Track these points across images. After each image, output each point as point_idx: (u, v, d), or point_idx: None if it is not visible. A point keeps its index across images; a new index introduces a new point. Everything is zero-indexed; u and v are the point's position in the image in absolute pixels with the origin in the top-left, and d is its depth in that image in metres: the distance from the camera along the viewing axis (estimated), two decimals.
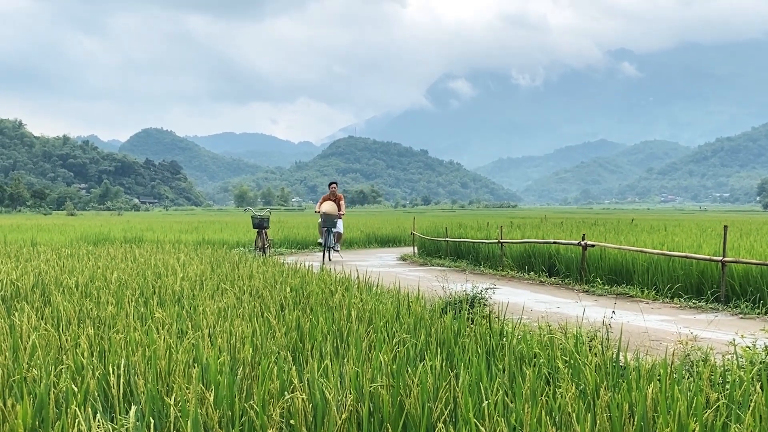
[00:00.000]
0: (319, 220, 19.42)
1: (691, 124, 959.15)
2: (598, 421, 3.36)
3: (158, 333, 5.22)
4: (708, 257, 11.01)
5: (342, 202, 19.82)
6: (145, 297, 7.58)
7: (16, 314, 6.15)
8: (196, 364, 4.24)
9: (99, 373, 4.10)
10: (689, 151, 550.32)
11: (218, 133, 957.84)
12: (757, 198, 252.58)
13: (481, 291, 8.68)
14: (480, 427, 3.24)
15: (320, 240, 19.61)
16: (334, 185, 20.23)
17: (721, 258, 10.64)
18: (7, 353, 4.56)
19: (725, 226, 11.09)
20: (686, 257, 11.38)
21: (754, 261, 10.30)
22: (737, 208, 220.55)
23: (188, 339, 5.01)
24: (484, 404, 3.62)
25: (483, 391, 3.85)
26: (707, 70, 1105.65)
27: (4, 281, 8.48)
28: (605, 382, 4.04)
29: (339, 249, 20.01)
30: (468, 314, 7.19)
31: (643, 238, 15.88)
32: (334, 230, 19.32)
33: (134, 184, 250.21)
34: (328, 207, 19.13)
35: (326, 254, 19.57)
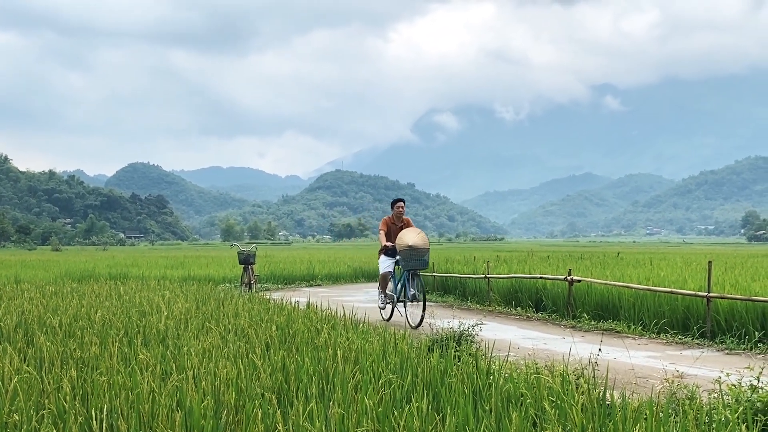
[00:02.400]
0: (386, 261, 12.76)
1: (675, 158, 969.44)
2: None
3: (142, 375, 5.16)
4: (693, 293, 11.06)
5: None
6: (130, 336, 7.51)
7: None
8: (179, 408, 4.19)
9: (81, 418, 4.05)
10: (673, 184, 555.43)
11: (205, 167, 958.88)
12: (742, 230, 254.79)
13: (468, 328, 8.66)
14: None
15: (388, 291, 12.91)
16: (402, 204, 13.32)
17: (706, 293, 10.70)
18: None
19: (710, 262, 11.17)
20: (671, 292, 11.43)
21: (738, 296, 10.36)
22: (722, 241, 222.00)
23: (172, 381, 4.96)
24: None
25: None
26: (690, 105, 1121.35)
27: None
28: (592, 423, 4.03)
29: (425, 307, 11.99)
30: (455, 352, 7.17)
31: (629, 272, 15.94)
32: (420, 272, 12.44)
33: (120, 219, 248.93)
34: (416, 237, 11.92)
35: (402, 312, 12.48)
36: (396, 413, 4.06)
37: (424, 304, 11.97)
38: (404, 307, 12.31)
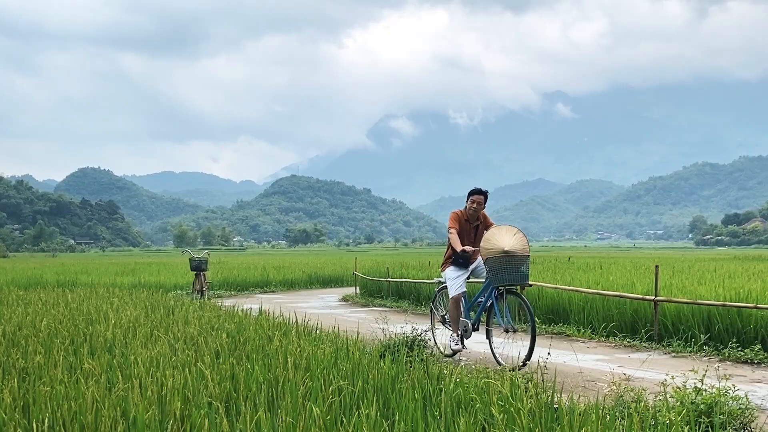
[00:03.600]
0: (458, 274, 9.21)
1: (624, 164, 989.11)
2: None
3: (86, 385, 5.04)
4: (641, 296, 11.28)
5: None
6: (75, 345, 7.35)
7: None
8: (124, 418, 4.10)
9: (21, 430, 3.93)
10: (623, 189, 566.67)
11: (157, 172, 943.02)
12: (689, 235, 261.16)
13: (421, 333, 8.68)
14: None
15: (466, 319, 9.39)
16: (481, 198, 9.45)
17: (653, 297, 10.91)
18: None
19: (657, 266, 11.40)
20: (620, 296, 11.63)
21: (684, 300, 10.59)
22: (671, 245, 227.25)
23: (117, 390, 4.86)
24: None
25: None
26: (639, 112, 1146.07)
27: None
28: (539, 428, 4.07)
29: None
30: (407, 357, 7.18)
31: (579, 276, 16.18)
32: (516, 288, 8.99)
33: (70, 225, 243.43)
34: (512, 239, 8.61)
35: (490, 345, 9.09)
36: (345, 420, 4.04)
37: (534, 334, 8.44)
38: (489, 337, 8.81)
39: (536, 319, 12.95)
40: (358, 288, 23.51)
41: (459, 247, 9.05)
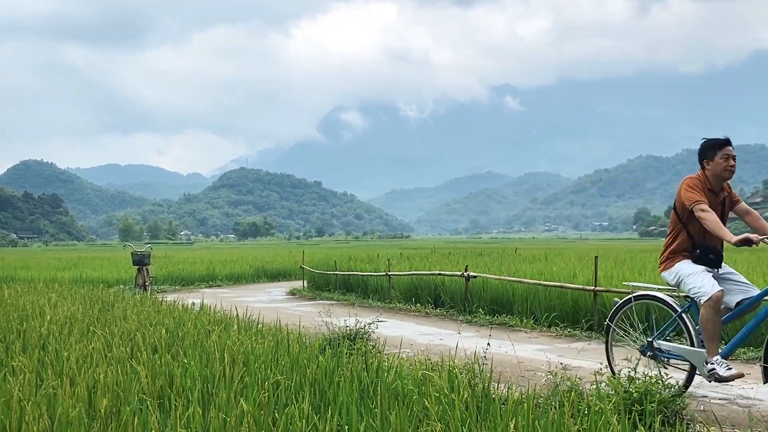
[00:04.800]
0: (703, 276, 5.94)
1: (571, 157, 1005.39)
2: None
3: (14, 382, 4.88)
4: (581, 287, 11.48)
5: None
6: (7, 343, 7.12)
7: None
8: (50, 416, 3.98)
9: None
10: (570, 182, 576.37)
11: (102, 165, 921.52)
12: (634, 226, 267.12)
13: (365, 325, 8.67)
14: None
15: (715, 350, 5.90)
16: (733, 152, 6.05)
17: (593, 288, 11.11)
18: None
19: (596, 257, 11.63)
20: (561, 287, 11.82)
21: (621, 290, 10.80)
22: (616, 236, 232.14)
23: (46, 388, 4.73)
24: None
25: None
26: (585, 106, 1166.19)
27: None
28: (470, 419, 4.09)
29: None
30: (350, 350, 7.15)
31: (524, 267, 16.40)
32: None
33: (11, 219, 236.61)
34: None
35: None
36: (278, 415, 4.00)
37: None
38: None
39: (480, 310, 13.11)
40: (306, 281, 23.40)
41: (728, 235, 5.61)
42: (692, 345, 6.15)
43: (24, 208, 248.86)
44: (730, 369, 5.73)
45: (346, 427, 3.93)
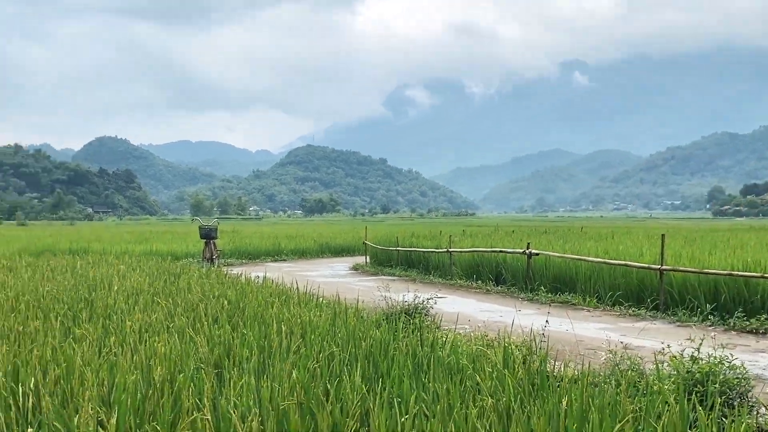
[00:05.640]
0: None
1: (642, 134, 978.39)
2: None
3: (77, 350, 5.05)
4: (646, 265, 11.17)
5: None
6: (74, 312, 7.37)
7: None
8: (107, 382, 4.10)
9: (7, 392, 3.94)
10: (641, 159, 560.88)
11: (174, 141, 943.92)
12: (707, 206, 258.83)
13: (423, 301, 8.65)
14: None
15: None
16: None
17: (659, 266, 10.80)
18: None
19: (663, 235, 11.27)
20: (626, 265, 11.53)
21: (690, 269, 10.47)
22: (688, 216, 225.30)
23: (106, 356, 4.87)
24: (401, 420, 3.56)
25: (404, 406, 3.79)
26: (658, 81, 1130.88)
27: None
28: (522, 395, 4.02)
29: None
30: (407, 325, 7.15)
31: (588, 246, 16.06)
32: None
33: (88, 194, 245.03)
34: None
35: None
36: (329, 386, 4.02)
37: None
38: None
39: (542, 288, 12.92)
40: (368, 257, 23.52)
41: None
42: None
43: (99, 184, 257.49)
44: None
45: (398, 399, 3.91)
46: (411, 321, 7.62)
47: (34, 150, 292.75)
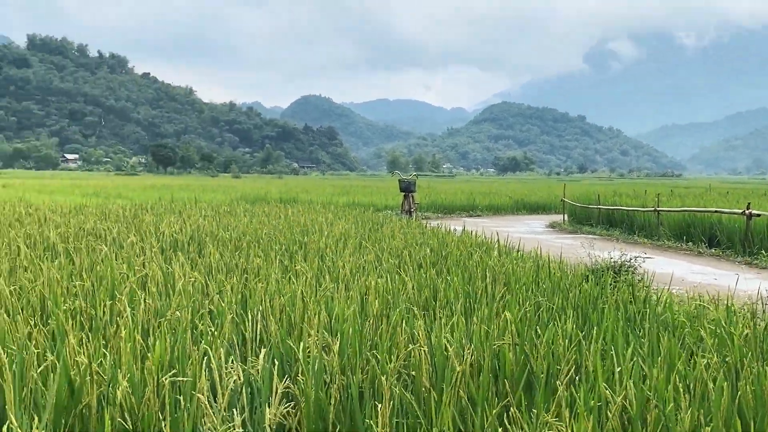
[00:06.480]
0: None
1: None
2: (739, 394, 3.11)
3: (296, 284, 5.39)
4: None
5: None
6: (291, 252, 7.87)
7: (172, 263, 6.57)
8: (326, 314, 4.34)
9: (236, 318, 4.30)
10: None
11: (373, 100, 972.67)
12: None
13: (630, 259, 8.31)
14: (609, 391, 3.09)
15: None
16: None
17: None
18: (159, 296, 4.90)
19: None
20: None
21: None
22: None
23: (323, 290, 5.15)
24: (617, 370, 3.45)
25: (617, 358, 3.67)
26: None
27: (166, 234, 9.11)
28: (751, 354, 3.73)
29: None
30: (613, 282, 6.90)
31: None
32: None
33: (294, 149, 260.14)
34: None
35: None
36: (540, 331, 3.98)
37: None
38: None
39: (763, 251, 11.89)
40: (566, 215, 22.92)
41: None
42: None
43: (304, 140, 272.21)
44: None
45: (611, 350, 3.79)
46: (617, 278, 7.34)
47: (247, 108, 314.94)
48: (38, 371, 3.05)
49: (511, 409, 2.95)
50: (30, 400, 2.92)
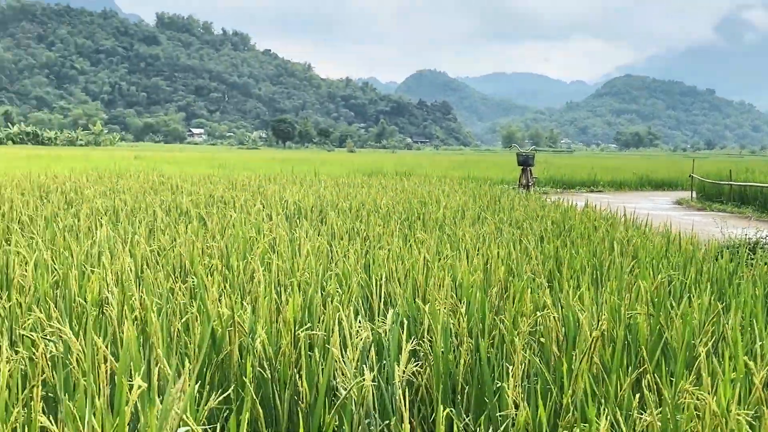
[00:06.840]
0: None
1: None
2: None
3: (418, 251, 5.42)
4: None
5: None
6: (410, 221, 7.93)
7: (297, 229, 6.77)
8: (450, 280, 4.35)
9: (362, 281, 4.38)
10: None
11: (489, 73, 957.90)
12: None
13: (766, 236, 7.85)
14: (751, 365, 2.94)
15: None
16: None
17: None
18: (286, 259, 5.06)
19: None
20: None
21: None
22: None
23: (445, 258, 5.16)
24: (757, 345, 3.29)
25: (757, 332, 3.49)
26: None
27: (290, 203, 9.39)
28: None
29: None
30: (748, 259, 6.54)
31: None
32: None
33: (408, 124, 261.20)
34: None
35: None
36: (674, 303, 3.83)
37: None
38: None
39: None
40: (694, 192, 21.88)
41: None
42: None
43: (418, 115, 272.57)
44: None
45: (750, 325, 3.60)
46: (752, 256, 6.94)
47: (362, 83, 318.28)
48: (181, 322, 3.25)
49: (647, 376, 2.86)
50: (176, 348, 3.10)
